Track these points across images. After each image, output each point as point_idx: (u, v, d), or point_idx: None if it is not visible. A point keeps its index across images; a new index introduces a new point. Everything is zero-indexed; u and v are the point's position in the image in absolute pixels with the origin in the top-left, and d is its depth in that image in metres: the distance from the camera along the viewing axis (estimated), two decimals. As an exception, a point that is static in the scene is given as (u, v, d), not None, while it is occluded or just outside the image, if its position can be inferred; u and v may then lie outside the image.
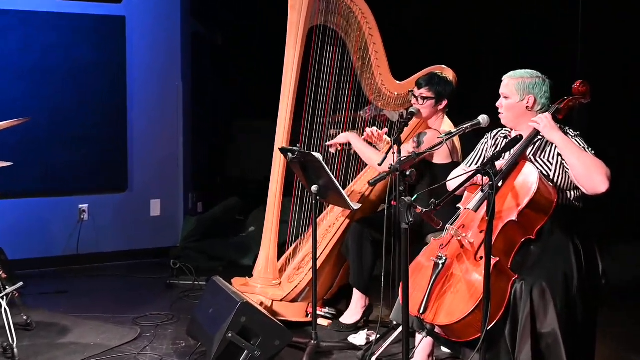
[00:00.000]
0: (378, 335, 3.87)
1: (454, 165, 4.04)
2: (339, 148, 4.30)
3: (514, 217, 3.04)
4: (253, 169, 6.55)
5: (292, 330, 3.84)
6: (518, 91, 3.30)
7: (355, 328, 4.22)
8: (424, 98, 4.16)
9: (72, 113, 5.61)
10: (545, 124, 3.17)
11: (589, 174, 3.06)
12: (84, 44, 5.61)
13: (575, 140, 3.19)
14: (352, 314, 4.25)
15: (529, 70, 3.33)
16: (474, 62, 5.63)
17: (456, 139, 4.20)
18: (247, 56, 6.65)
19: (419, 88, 4.19)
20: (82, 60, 5.61)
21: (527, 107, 3.30)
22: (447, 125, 4.22)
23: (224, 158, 6.93)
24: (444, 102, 4.19)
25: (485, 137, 3.54)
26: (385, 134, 4.42)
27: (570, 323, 2.96)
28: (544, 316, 2.93)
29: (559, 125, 3.23)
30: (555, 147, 3.21)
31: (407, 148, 4.00)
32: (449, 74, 4.36)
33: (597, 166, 3.06)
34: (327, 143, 4.30)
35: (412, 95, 4.24)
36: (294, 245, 4.58)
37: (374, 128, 4.34)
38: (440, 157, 4.10)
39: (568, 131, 3.24)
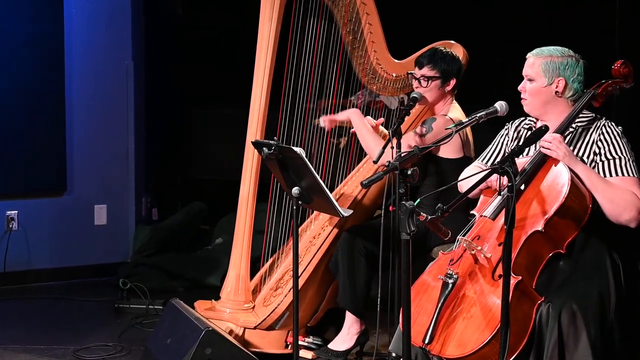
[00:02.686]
0: (373, 371, 3.88)
1: (466, 160, 4.06)
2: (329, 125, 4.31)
3: (539, 227, 3.05)
4: (220, 167, 6.54)
5: (268, 364, 3.85)
6: (546, 72, 3.31)
7: (345, 358, 4.22)
8: (427, 78, 4.17)
9: (-3, 100, 5.58)
10: (564, 152, 3.16)
11: (616, 211, 3.13)
12: (11, 16, 5.57)
13: (617, 141, 3.23)
14: (343, 340, 4.26)
15: (558, 48, 3.34)
16: (490, 37, 5.63)
17: (468, 131, 4.21)
18: (213, 29, 6.63)
19: (420, 67, 4.21)
20: (9, 35, 5.57)
21: (556, 92, 3.31)
22: (457, 112, 4.24)
23: (185, 154, 6.91)
24: (452, 82, 4.21)
25: (506, 127, 3.56)
26: (382, 124, 4.42)
27: (607, 354, 2.97)
28: (574, 346, 2.94)
29: (594, 116, 3.24)
30: (591, 142, 3.24)
31: (409, 140, 4.01)
32: (458, 50, 4.37)
33: (625, 203, 3.12)
34: (321, 119, 4.29)
35: (412, 78, 4.25)
36: (270, 261, 4.58)
37: (369, 118, 4.33)
38: (449, 150, 4.11)
39: (610, 126, 3.27)
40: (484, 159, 3.57)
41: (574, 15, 5.31)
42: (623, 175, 3.19)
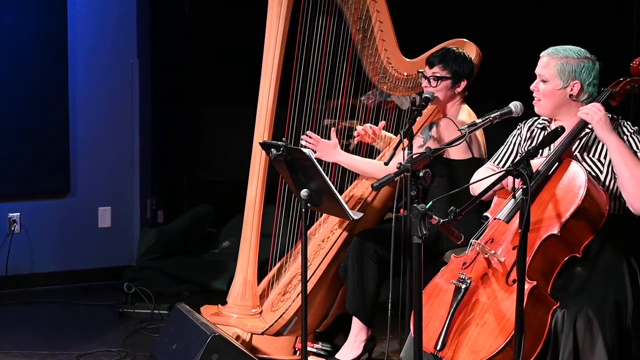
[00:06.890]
0: (384, 378, 3.88)
1: (475, 161, 4.06)
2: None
3: (555, 231, 3.05)
4: (228, 168, 6.54)
5: (276, 370, 3.85)
6: (561, 74, 3.29)
7: (354, 367, 4.23)
8: (437, 78, 4.18)
9: (-2, 98, 5.59)
10: (599, 118, 3.14)
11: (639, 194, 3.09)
12: (12, 11, 5.56)
13: (632, 137, 3.21)
14: (350, 349, 4.26)
15: (574, 48, 3.32)
16: (505, 35, 5.63)
17: (479, 131, 4.20)
18: (221, 26, 6.63)
19: (431, 67, 4.22)
20: (10, 31, 5.56)
21: (570, 95, 3.30)
22: (465, 114, 4.25)
23: (192, 155, 6.92)
24: (463, 84, 4.22)
25: (518, 127, 3.55)
26: (383, 127, 4.42)
27: (624, 362, 2.97)
28: (590, 353, 2.95)
29: (611, 116, 3.23)
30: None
31: (415, 143, 4.02)
32: (471, 49, 4.38)
33: None
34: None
35: (421, 76, 4.26)
36: (278, 265, 4.59)
37: (367, 125, 4.36)
38: (457, 151, 4.13)
39: (625, 125, 3.26)
40: (496, 160, 3.56)
41: (590, 11, 5.31)
42: None
